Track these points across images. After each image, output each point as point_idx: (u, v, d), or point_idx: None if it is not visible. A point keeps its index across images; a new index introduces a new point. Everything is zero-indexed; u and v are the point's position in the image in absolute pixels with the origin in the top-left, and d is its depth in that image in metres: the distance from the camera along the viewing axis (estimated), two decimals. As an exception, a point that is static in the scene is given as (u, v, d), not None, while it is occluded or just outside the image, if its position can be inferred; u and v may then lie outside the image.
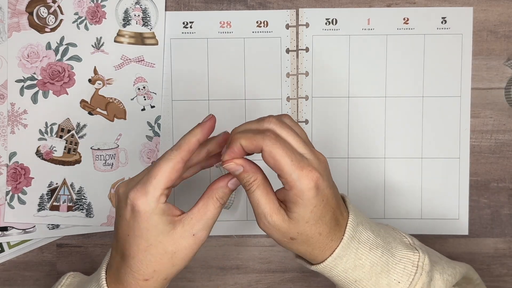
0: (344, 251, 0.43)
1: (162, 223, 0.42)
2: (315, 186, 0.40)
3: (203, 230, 0.43)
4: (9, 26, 0.60)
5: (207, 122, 0.44)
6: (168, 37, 0.61)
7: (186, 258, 0.43)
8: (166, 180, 0.42)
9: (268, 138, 0.40)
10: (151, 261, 0.43)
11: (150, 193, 0.42)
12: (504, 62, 0.61)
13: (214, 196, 0.44)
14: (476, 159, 0.62)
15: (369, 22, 0.61)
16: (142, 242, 0.42)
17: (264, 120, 0.42)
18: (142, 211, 0.42)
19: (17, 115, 0.61)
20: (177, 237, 0.43)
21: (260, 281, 0.63)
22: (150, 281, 0.43)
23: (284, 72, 0.61)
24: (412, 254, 0.45)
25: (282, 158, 0.40)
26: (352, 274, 0.44)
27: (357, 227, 0.44)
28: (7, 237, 0.61)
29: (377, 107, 0.61)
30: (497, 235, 0.62)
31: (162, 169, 0.42)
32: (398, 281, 0.44)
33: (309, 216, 0.41)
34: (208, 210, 0.44)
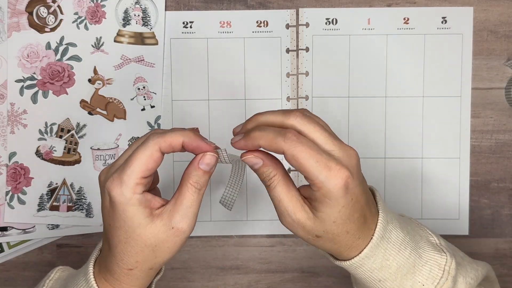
0: (372, 251, 0.41)
1: (139, 215, 0.40)
2: (345, 185, 0.38)
3: (182, 220, 0.40)
4: (9, 26, 0.60)
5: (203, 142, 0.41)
6: (168, 37, 0.61)
7: (168, 250, 0.41)
8: (142, 169, 0.39)
9: (290, 141, 0.38)
10: (131, 253, 0.41)
11: (124, 183, 0.39)
12: (504, 62, 0.61)
13: (188, 182, 0.41)
14: (477, 159, 0.62)
15: (369, 22, 0.61)
16: (121, 233, 0.41)
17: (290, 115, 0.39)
18: (117, 202, 0.39)
19: (17, 115, 0.60)
20: (156, 231, 0.40)
21: (260, 281, 0.63)
22: (134, 270, 0.42)
23: (284, 72, 0.61)
24: (440, 257, 0.43)
25: (306, 160, 0.38)
26: (377, 274, 0.42)
27: (387, 225, 0.42)
28: (7, 237, 0.61)
29: (377, 107, 0.61)
30: (498, 235, 0.62)
31: (139, 157, 0.39)
32: (423, 284, 0.43)
33: (337, 215, 0.39)
34: (184, 198, 0.40)
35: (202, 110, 0.61)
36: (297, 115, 0.39)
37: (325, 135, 0.39)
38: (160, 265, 0.43)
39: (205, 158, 0.41)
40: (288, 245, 0.62)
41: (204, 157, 0.41)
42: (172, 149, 0.40)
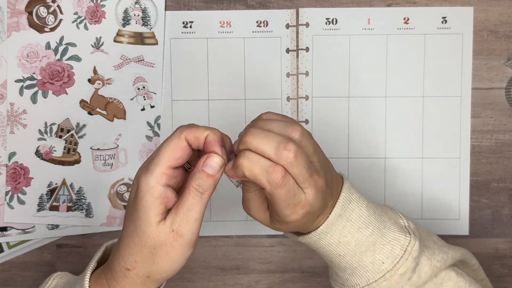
0: (328, 228, 0.44)
1: (152, 209, 0.39)
2: (302, 217, 0.41)
3: (181, 224, 0.39)
4: (9, 26, 0.60)
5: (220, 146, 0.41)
6: (168, 37, 0.61)
7: (167, 257, 0.40)
8: (169, 158, 0.39)
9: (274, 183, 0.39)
10: (133, 249, 0.40)
11: (151, 171, 0.39)
12: (504, 63, 0.61)
13: (191, 184, 0.40)
14: (477, 159, 0.62)
15: (369, 22, 0.61)
16: (130, 225, 0.40)
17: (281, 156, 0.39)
18: (141, 189, 0.39)
19: (17, 115, 0.60)
20: (158, 232, 0.39)
21: (260, 281, 0.63)
22: (131, 272, 0.41)
23: (284, 72, 0.61)
24: (404, 238, 0.45)
25: (281, 201, 0.40)
26: (336, 248, 0.45)
27: (348, 205, 0.44)
28: (6, 237, 0.61)
29: (377, 107, 0.61)
30: (498, 235, 0.62)
31: (165, 146, 0.40)
32: (382, 261, 0.45)
33: (292, 227, 0.43)
34: (185, 200, 0.39)
35: (202, 110, 0.61)
36: (288, 156, 0.39)
37: (305, 176, 0.40)
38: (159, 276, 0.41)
39: (209, 160, 0.40)
40: (288, 245, 0.62)
41: (209, 159, 0.40)
42: (197, 141, 0.40)
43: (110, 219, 0.61)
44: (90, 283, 0.42)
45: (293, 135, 0.40)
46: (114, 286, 0.41)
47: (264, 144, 0.39)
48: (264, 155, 0.39)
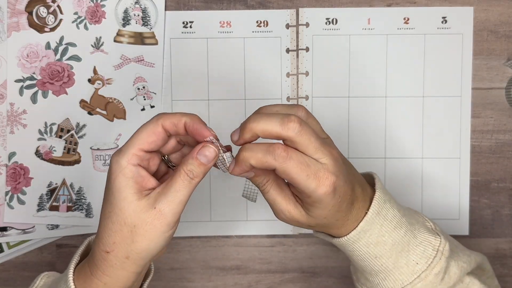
0: (368, 226, 0.43)
1: (127, 188, 0.40)
2: (332, 190, 0.40)
3: (166, 203, 0.40)
4: (9, 26, 0.60)
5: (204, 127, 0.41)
6: (168, 37, 0.61)
7: (147, 234, 0.40)
8: (142, 141, 0.40)
9: (280, 158, 0.39)
10: (111, 230, 0.40)
11: (122, 152, 0.40)
12: (504, 63, 0.61)
13: (182, 168, 0.40)
14: (477, 159, 0.62)
15: (369, 22, 0.61)
16: (107, 206, 0.41)
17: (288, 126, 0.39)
18: (112, 169, 0.40)
19: (17, 115, 0.60)
20: (139, 209, 0.40)
21: (260, 281, 0.63)
22: (110, 254, 0.41)
23: (284, 72, 0.61)
24: (434, 239, 0.46)
25: (297, 175, 0.39)
26: (373, 249, 0.44)
27: (384, 204, 0.44)
28: (6, 237, 0.61)
29: (377, 107, 0.61)
30: (498, 235, 0.62)
31: (140, 130, 0.41)
32: (417, 262, 0.45)
33: (327, 213, 0.41)
34: (174, 182, 0.40)
35: (202, 110, 0.61)
36: (294, 126, 0.39)
37: (315, 144, 0.40)
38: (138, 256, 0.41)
39: (204, 150, 0.41)
40: (288, 245, 0.62)
41: (204, 148, 0.41)
42: (175, 127, 0.41)
43: (110, 219, 0.61)
44: (75, 274, 0.43)
45: (299, 114, 0.42)
46: (96, 272, 0.42)
47: (269, 123, 0.40)
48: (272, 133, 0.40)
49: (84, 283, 0.42)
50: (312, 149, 0.40)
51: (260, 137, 0.41)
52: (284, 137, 0.40)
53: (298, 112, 0.42)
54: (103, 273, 0.41)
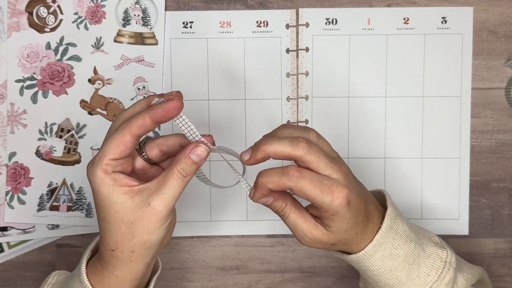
0: (383, 239, 0.46)
1: (115, 193, 0.42)
2: (347, 202, 0.42)
3: (159, 201, 0.42)
4: (9, 26, 0.60)
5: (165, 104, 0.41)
6: (168, 37, 0.61)
7: (144, 229, 0.42)
8: (111, 152, 0.41)
9: (294, 178, 0.42)
10: (111, 231, 0.42)
11: (95, 164, 0.42)
12: (504, 63, 0.61)
13: (175, 167, 0.42)
14: (476, 159, 0.62)
15: (369, 22, 0.61)
16: (101, 212, 0.43)
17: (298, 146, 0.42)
18: (92, 182, 0.42)
19: (17, 115, 0.60)
20: (133, 206, 0.42)
21: (260, 281, 0.63)
22: (116, 251, 0.43)
23: (284, 72, 0.61)
24: (441, 251, 0.48)
25: (312, 191, 0.42)
26: (388, 262, 0.46)
27: (396, 219, 0.47)
28: (6, 237, 0.61)
29: (377, 107, 0.61)
30: (498, 235, 0.62)
31: (109, 141, 0.42)
32: (427, 273, 0.47)
33: (346, 226, 0.44)
34: (166, 180, 0.42)
35: (202, 110, 0.61)
36: (303, 146, 0.42)
37: (325, 161, 0.43)
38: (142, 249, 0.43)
39: (197, 149, 0.42)
40: (288, 245, 0.63)
41: (197, 148, 0.42)
42: (144, 129, 0.42)
43: (110, 219, 0.61)
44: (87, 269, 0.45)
45: (310, 136, 0.45)
46: (107, 267, 0.44)
47: (280, 145, 0.42)
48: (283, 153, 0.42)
49: (96, 277, 0.44)
50: (323, 166, 0.42)
51: (271, 157, 0.43)
52: (295, 156, 0.42)
53: (309, 135, 0.45)
54: (113, 267, 0.44)
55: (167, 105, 0.41)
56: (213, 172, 0.62)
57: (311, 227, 0.44)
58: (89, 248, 0.47)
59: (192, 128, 0.43)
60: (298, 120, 0.61)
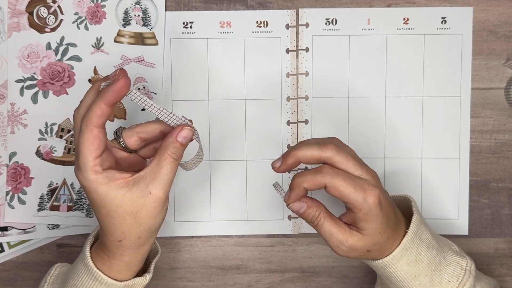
0: (409, 244, 0.47)
1: (112, 189, 0.43)
2: (379, 201, 0.44)
3: (158, 187, 0.43)
4: (9, 26, 0.60)
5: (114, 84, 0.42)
6: (168, 37, 0.61)
7: (149, 215, 0.44)
8: (90, 151, 0.42)
9: (328, 175, 0.43)
10: (115, 224, 0.44)
11: (83, 169, 0.43)
12: (503, 63, 0.61)
13: (166, 152, 0.44)
14: (476, 159, 0.62)
15: (369, 22, 0.61)
16: (101, 209, 0.44)
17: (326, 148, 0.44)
18: (87, 186, 0.43)
19: (17, 115, 0.61)
20: (134, 197, 0.43)
21: (260, 281, 0.63)
22: (123, 241, 0.45)
23: (284, 72, 0.61)
24: (461, 259, 0.50)
25: (345, 188, 0.43)
26: (413, 268, 0.47)
27: (420, 225, 0.48)
28: (7, 237, 0.61)
29: (377, 107, 0.61)
30: (497, 235, 0.62)
31: (81, 143, 0.42)
32: (449, 280, 0.48)
33: (380, 227, 0.45)
34: (161, 167, 0.44)
35: (202, 110, 0.61)
36: (332, 147, 0.44)
37: (354, 162, 0.45)
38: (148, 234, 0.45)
39: (183, 132, 0.44)
40: (288, 245, 0.63)
41: (182, 131, 0.44)
42: (104, 115, 0.43)
43: (111, 219, 0.61)
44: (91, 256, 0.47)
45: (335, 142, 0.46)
46: (114, 255, 0.46)
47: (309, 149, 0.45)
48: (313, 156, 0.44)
49: (104, 265, 0.46)
50: (352, 167, 0.45)
51: (302, 162, 0.45)
52: (324, 158, 0.44)
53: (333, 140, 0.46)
54: (121, 255, 0.46)
55: (116, 86, 0.42)
56: (212, 171, 0.62)
57: (346, 234, 0.45)
58: (92, 234, 0.49)
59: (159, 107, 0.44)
60: (298, 120, 0.61)
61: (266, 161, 0.62)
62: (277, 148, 0.61)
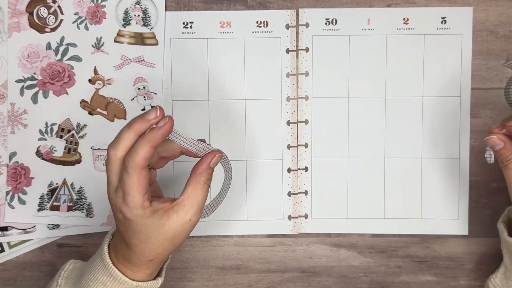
0: None
1: (156, 219, 0.45)
2: None
3: (197, 214, 0.46)
4: (9, 26, 0.60)
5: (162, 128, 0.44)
6: (168, 37, 0.61)
7: (183, 237, 0.47)
8: (140, 191, 0.44)
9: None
10: (153, 248, 0.46)
11: (131, 207, 0.44)
12: (503, 63, 0.61)
13: (201, 180, 0.47)
14: (476, 159, 0.62)
15: (369, 22, 0.61)
16: (141, 237, 0.46)
17: None
18: (132, 218, 0.45)
19: (17, 115, 0.61)
20: (174, 225, 0.46)
21: (260, 281, 0.63)
22: (155, 260, 0.47)
23: (284, 72, 0.61)
24: None
25: None
26: None
27: None
28: (7, 237, 0.61)
29: (377, 107, 0.61)
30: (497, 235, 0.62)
31: (131, 187, 0.44)
32: None
33: None
34: (199, 194, 0.46)
35: (202, 110, 0.61)
36: None
37: None
38: (175, 250, 0.49)
39: (216, 159, 0.47)
40: (288, 245, 0.63)
41: (215, 158, 0.47)
42: (150, 158, 0.44)
43: (111, 218, 0.61)
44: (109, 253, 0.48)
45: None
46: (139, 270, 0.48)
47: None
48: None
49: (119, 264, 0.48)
50: None
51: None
52: None
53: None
54: (147, 269, 0.48)
55: (165, 131, 0.44)
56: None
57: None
58: (110, 232, 0.50)
59: (188, 138, 0.46)
60: (298, 120, 0.61)
61: (266, 161, 0.62)
62: (277, 148, 0.62)
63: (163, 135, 0.44)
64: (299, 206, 0.62)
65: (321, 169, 0.62)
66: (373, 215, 0.62)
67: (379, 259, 0.62)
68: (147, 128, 0.44)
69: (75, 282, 0.49)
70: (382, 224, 0.62)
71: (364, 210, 0.62)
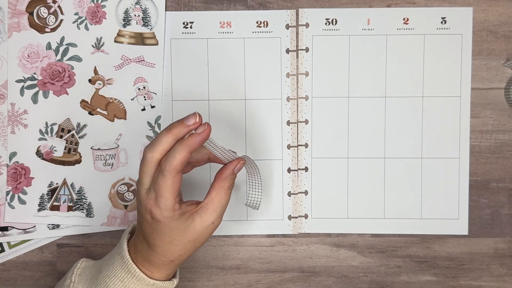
0: None
1: (182, 222, 0.47)
2: None
3: (219, 218, 0.48)
4: (9, 26, 0.60)
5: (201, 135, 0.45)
6: (168, 37, 0.61)
7: (205, 240, 0.49)
8: (172, 194, 0.45)
9: None
10: (175, 249, 0.47)
11: (163, 209, 0.46)
12: (503, 63, 0.61)
13: (225, 185, 0.48)
14: (476, 159, 0.62)
15: (369, 22, 0.61)
16: (165, 238, 0.47)
17: None
18: (162, 219, 0.46)
19: (17, 115, 0.61)
20: (198, 227, 0.47)
21: (260, 281, 0.63)
22: (175, 261, 0.49)
23: (284, 72, 0.61)
24: None
25: None
26: None
27: None
28: (7, 237, 0.61)
29: (377, 107, 0.61)
30: (497, 235, 0.62)
31: (165, 189, 0.45)
32: None
33: None
34: (222, 199, 0.48)
35: (202, 110, 0.61)
36: None
37: None
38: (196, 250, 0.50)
39: (239, 165, 0.49)
40: (288, 245, 0.63)
41: (239, 164, 0.49)
42: (186, 162, 0.45)
43: (111, 218, 0.61)
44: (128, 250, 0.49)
45: None
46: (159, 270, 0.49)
47: None
48: None
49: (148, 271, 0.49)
50: None
51: None
52: None
53: None
54: (166, 270, 0.49)
55: (203, 137, 0.45)
56: (212, 172, 0.62)
57: None
58: (128, 230, 0.51)
59: (220, 146, 0.48)
60: (298, 120, 0.61)
61: (266, 161, 0.62)
62: (277, 148, 0.62)
63: (201, 141, 0.45)
64: (299, 206, 0.62)
65: (321, 169, 0.62)
66: (373, 215, 0.62)
67: (379, 259, 0.62)
68: (185, 133, 0.45)
69: (90, 279, 0.50)
70: (382, 224, 0.62)
71: (364, 210, 0.62)
